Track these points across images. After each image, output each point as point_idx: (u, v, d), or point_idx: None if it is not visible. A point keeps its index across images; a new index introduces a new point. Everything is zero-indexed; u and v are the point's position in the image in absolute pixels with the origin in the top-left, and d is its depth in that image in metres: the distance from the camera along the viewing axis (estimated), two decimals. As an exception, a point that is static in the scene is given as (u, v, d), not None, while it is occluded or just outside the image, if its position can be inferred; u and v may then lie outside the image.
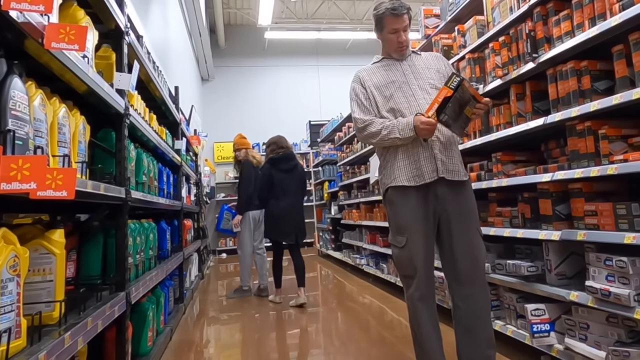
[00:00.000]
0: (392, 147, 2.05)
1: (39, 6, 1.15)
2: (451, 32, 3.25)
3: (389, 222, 2.10)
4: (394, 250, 2.05)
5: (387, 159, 2.09)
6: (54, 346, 1.18)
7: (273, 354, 2.87)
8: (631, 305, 1.66)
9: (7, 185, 1.02)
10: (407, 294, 2.01)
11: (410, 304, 1.99)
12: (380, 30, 2.14)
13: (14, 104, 1.14)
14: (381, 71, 2.16)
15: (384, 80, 2.12)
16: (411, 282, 1.97)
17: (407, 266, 1.97)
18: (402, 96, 2.06)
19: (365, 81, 2.16)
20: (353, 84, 2.21)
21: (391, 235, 2.07)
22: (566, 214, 2.10)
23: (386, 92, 2.08)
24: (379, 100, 2.09)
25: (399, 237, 1.99)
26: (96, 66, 1.84)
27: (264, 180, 4.26)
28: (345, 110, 6.78)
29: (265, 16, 8.82)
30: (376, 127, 2.02)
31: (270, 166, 4.27)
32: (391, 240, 2.07)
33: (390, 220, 2.09)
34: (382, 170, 2.13)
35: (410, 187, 1.98)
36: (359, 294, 4.57)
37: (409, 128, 1.92)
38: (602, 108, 1.81)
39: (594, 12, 1.93)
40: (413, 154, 1.99)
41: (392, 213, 2.06)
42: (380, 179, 2.15)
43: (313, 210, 9.21)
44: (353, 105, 2.17)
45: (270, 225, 4.26)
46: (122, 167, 2.05)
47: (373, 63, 2.23)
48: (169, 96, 4.03)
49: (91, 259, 1.94)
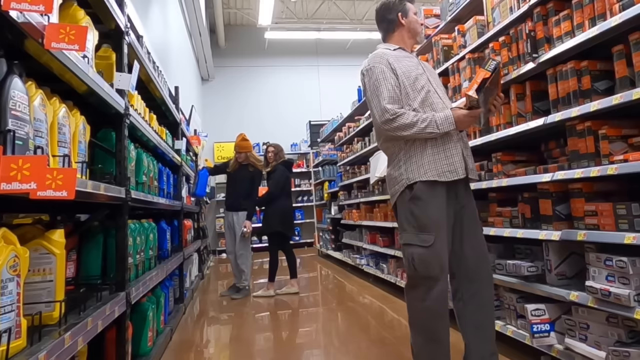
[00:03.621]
0: (419, 140, 1.95)
1: (39, 6, 1.14)
2: (451, 32, 3.25)
3: (409, 220, 1.93)
4: (416, 251, 1.88)
5: (411, 153, 1.96)
6: (54, 346, 1.18)
7: (273, 354, 2.87)
8: (631, 306, 1.65)
9: (7, 185, 1.02)
10: (429, 295, 1.87)
11: (430, 304, 1.87)
12: (405, 15, 2.17)
13: (14, 104, 1.14)
14: (405, 61, 2.07)
15: (414, 70, 2.03)
16: (433, 283, 1.87)
17: (434, 266, 1.86)
18: (435, 92, 2.05)
19: (395, 66, 2.01)
20: (378, 66, 2.01)
21: (411, 235, 1.91)
22: (566, 214, 2.10)
23: (417, 84, 2.00)
24: (409, 92, 1.98)
25: (424, 236, 1.88)
26: (96, 66, 1.84)
27: (283, 180, 4.80)
28: (345, 110, 6.80)
29: (265, 16, 8.83)
30: (410, 119, 1.90)
31: (285, 168, 4.88)
32: (411, 240, 1.91)
33: (412, 217, 1.92)
34: (402, 164, 1.98)
35: (439, 183, 1.92)
36: (359, 294, 4.57)
37: (449, 122, 1.90)
38: (602, 108, 1.81)
39: (594, 12, 1.93)
40: (444, 149, 1.95)
41: (417, 210, 1.91)
42: (399, 174, 1.99)
43: (313, 210, 9.22)
44: (381, 89, 1.96)
45: (280, 220, 4.66)
46: (122, 167, 2.05)
47: (393, 49, 2.14)
48: (169, 96, 4.03)
49: (91, 259, 1.94)
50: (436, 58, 3.40)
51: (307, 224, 9.82)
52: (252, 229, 4.69)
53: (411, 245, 1.90)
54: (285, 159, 4.94)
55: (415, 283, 1.93)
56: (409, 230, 1.93)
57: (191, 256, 4.89)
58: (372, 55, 2.11)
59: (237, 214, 4.75)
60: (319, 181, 8.64)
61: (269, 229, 4.70)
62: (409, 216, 1.93)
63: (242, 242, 4.72)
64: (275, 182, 4.75)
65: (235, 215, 4.76)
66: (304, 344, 3.13)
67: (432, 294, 1.87)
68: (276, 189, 4.71)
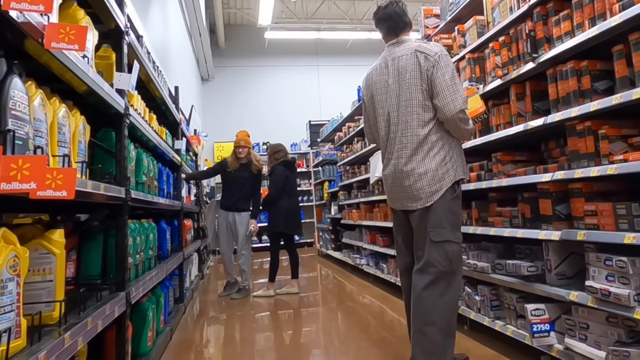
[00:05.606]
0: (453, 138, 2.10)
1: (39, 6, 1.14)
2: (451, 32, 3.25)
3: (448, 218, 2.02)
4: (454, 247, 2.02)
5: (454, 150, 2.09)
6: (54, 346, 1.18)
7: (273, 354, 2.87)
8: (631, 305, 1.65)
9: (7, 185, 1.02)
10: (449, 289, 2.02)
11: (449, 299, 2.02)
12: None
13: (14, 104, 1.14)
14: None
15: None
16: (455, 276, 2.06)
17: (462, 261, 2.07)
18: None
19: None
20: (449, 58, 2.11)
21: (448, 232, 2.02)
22: (566, 214, 2.10)
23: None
24: None
25: (458, 233, 2.04)
26: (96, 66, 1.84)
27: (283, 180, 4.70)
28: (345, 110, 6.80)
29: (265, 16, 8.82)
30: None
31: (285, 168, 4.79)
32: (449, 237, 2.01)
33: (452, 215, 2.03)
34: (449, 160, 2.05)
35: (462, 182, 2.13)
36: (359, 294, 4.57)
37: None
38: (602, 108, 1.81)
39: (594, 12, 1.93)
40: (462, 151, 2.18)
41: (457, 208, 2.06)
42: (446, 170, 2.04)
43: (313, 210, 9.22)
44: (458, 80, 2.07)
45: (284, 220, 4.65)
46: (122, 167, 2.05)
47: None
48: (169, 96, 4.03)
49: (91, 259, 1.94)
50: (436, 58, 3.40)
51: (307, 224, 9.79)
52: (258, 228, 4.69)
53: (450, 242, 2.02)
54: (287, 159, 4.87)
55: (438, 279, 2.01)
56: (447, 227, 2.02)
57: (191, 256, 4.89)
58: (434, 44, 2.16)
59: (239, 214, 4.71)
60: (319, 181, 8.64)
61: (273, 229, 4.69)
62: (449, 214, 2.03)
63: (244, 242, 4.70)
64: (274, 183, 4.72)
65: (237, 216, 4.71)
66: (304, 343, 3.13)
67: (453, 288, 2.03)
68: (275, 189, 4.68)
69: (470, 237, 2.86)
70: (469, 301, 2.83)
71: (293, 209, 4.80)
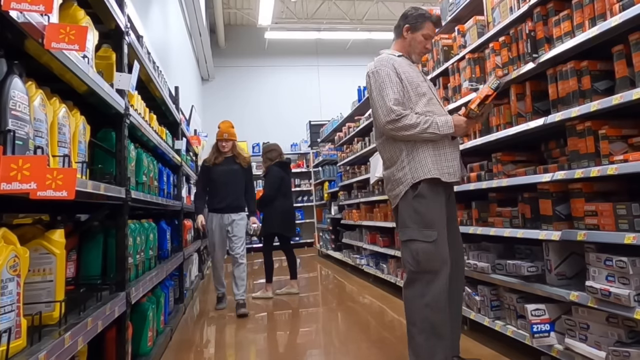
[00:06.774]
0: (420, 142, 2.07)
1: (39, 6, 1.14)
2: (451, 32, 3.25)
3: (412, 217, 2.04)
4: (420, 246, 2.00)
5: (414, 154, 2.07)
6: (54, 346, 1.18)
7: (273, 354, 2.87)
8: (631, 306, 1.65)
9: (7, 185, 1.02)
10: (428, 290, 1.98)
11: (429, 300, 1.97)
12: (413, 30, 2.23)
13: (14, 104, 1.14)
14: (408, 68, 2.18)
15: (415, 78, 2.15)
16: (433, 277, 1.99)
17: (436, 260, 2.00)
18: (435, 99, 2.19)
19: (399, 71, 2.11)
20: (384, 69, 2.10)
21: (414, 231, 2.03)
22: (566, 214, 2.10)
23: (419, 90, 2.12)
24: (412, 96, 2.11)
25: (428, 232, 2.01)
26: (96, 66, 1.84)
27: (278, 181, 4.67)
28: (345, 110, 6.80)
29: (265, 16, 8.82)
30: (413, 120, 2.03)
31: (280, 169, 4.77)
32: (416, 236, 2.02)
33: (416, 215, 2.04)
34: (406, 165, 2.08)
35: (440, 183, 2.06)
36: (359, 294, 4.57)
37: (449, 125, 2.05)
38: (602, 108, 1.81)
39: (594, 12, 1.93)
40: (444, 152, 2.09)
41: (422, 207, 2.04)
42: (402, 175, 2.08)
43: (313, 210, 9.22)
44: (386, 91, 2.06)
45: (279, 220, 4.63)
46: (122, 167, 2.05)
47: (397, 55, 2.22)
48: (169, 96, 4.02)
49: (91, 259, 1.94)
50: (436, 58, 3.41)
51: (307, 224, 9.81)
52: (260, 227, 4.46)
53: (415, 240, 2.02)
54: (282, 160, 4.80)
55: (414, 279, 2.04)
56: (412, 227, 2.04)
57: (191, 256, 4.89)
58: (377, 58, 2.21)
59: (238, 214, 4.12)
60: (319, 181, 8.64)
61: (268, 230, 4.66)
62: (413, 214, 2.05)
63: (243, 244, 4.13)
64: (269, 183, 4.68)
65: (236, 216, 4.10)
66: (304, 344, 3.13)
67: (432, 289, 1.99)
68: (271, 190, 4.64)
69: (471, 237, 2.86)
70: (469, 301, 2.83)
71: (288, 209, 4.81)
